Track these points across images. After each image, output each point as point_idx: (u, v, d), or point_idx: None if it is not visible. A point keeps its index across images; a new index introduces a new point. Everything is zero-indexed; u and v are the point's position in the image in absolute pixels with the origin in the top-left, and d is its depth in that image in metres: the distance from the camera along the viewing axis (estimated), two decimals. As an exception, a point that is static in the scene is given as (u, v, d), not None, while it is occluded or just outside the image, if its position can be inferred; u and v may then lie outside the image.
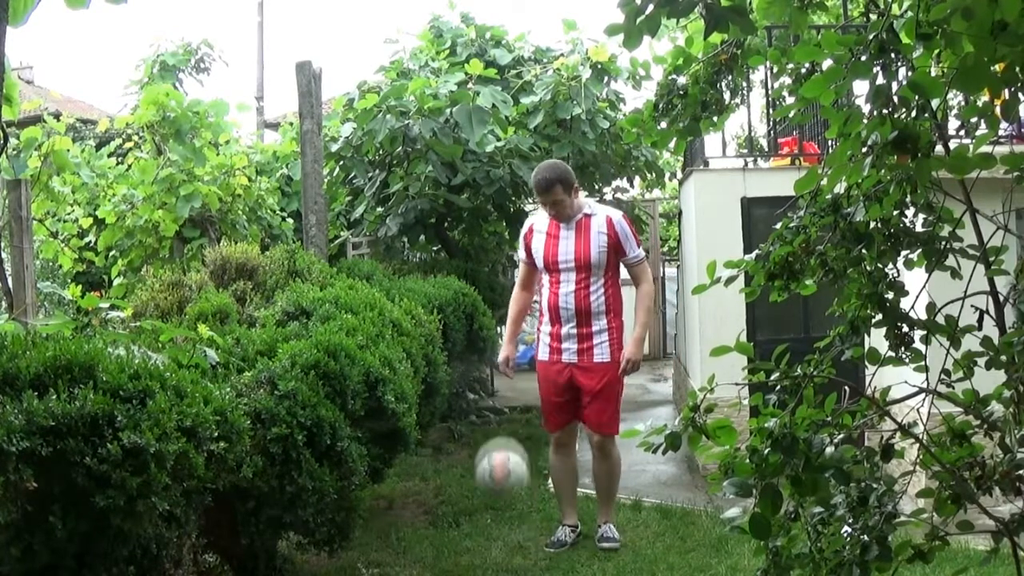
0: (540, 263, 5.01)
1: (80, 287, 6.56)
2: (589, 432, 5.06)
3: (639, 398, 9.43)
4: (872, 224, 1.93)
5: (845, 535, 1.77)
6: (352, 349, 3.82)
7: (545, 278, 5.02)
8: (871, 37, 1.71)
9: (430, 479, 6.15)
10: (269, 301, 4.81)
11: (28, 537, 2.41)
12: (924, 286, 2.02)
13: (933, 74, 1.88)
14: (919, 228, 1.98)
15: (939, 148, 1.97)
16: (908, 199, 1.90)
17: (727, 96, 3.39)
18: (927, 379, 1.95)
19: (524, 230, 5.19)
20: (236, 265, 5.28)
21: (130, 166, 7.39)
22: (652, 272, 12.27)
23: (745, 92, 6.52)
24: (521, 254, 5.20)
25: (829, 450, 1.73)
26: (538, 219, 5.13)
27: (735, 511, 1.83)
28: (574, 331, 4.88)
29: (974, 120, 1.92)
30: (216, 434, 2.76)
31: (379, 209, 7.90)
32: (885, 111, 1.73)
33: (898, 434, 1.87)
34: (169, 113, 6.66)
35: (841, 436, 1.78)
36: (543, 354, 5.02)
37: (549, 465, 5.29)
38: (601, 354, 4.86)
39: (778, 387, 1.85)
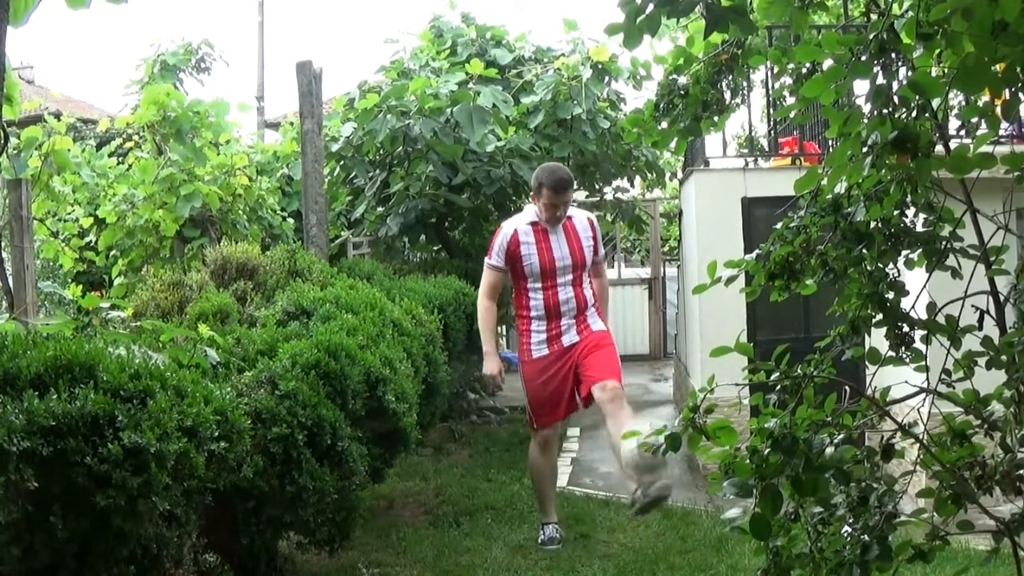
0: (532, 270, 4.90)
1: (80, 287, 6.58)
2: (600, 387, 4.73)
3: (639, 398, 9.43)
4: (872, 224, 1.92)
5: (845, 535, 1.77)
6: (353, 349, 3.82)
7: (533, 284, 4.93)
8: (871, 37, 1.71)
9: (431, 479, 6.15)
10: (270, 301, 4.81)
11: (29, 537, 2.41)
12: (924, 286, 2.02)
13: (933, 74, 1.88)
14: (919, 228, 1.98)
15: (939, 148, 1.97)
16: (908, 199, 1.89)
17: (728, 96, 3.39)
18: (927, 379, 1.95)
19: (506, 238, 4.95)
20: (237, 265, 5.29)
21: (131, 166, 7.40)
22: (653, 272, 12.39)
23: (746, 92, 6.52)
24: (499, 262, 4.97)
25: (829, 450, 1.73)
26: (519, 226, 4.97)
27: (735, 511, 1.83)
28: (573, 321, 4.94)
29: (974, 120, 1.92)
30: (217, 434, 2.77)
31: (380, 209, 7.90)
32: (885, 111, 1.73)
33: (898, 434, 1.87)
34: (170, 113, 6.66)
35: (841, 436, 1.78)
36: (540, 351, 4.92)
37: (532, 465, 5.11)
38: (596, 324, 5.01)
39: (778, 387, 1.85)
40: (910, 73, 1.78)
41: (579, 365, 4.89)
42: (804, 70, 2.66)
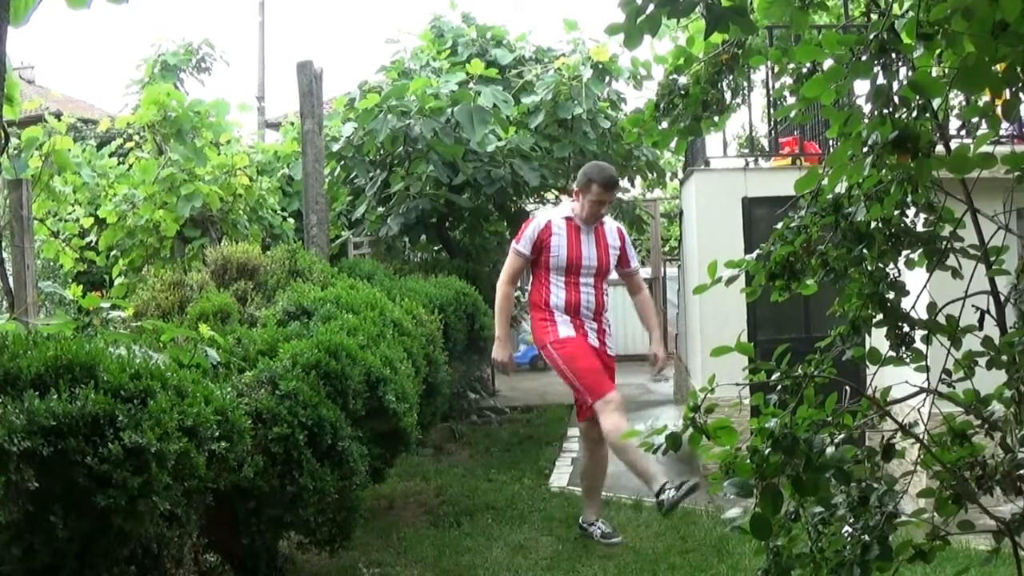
0: (558, 263, 4.93)
1: (81, 287, 6.58)
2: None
3: (640, 398, 9.43)
4: (873, 224, 1.92)
5: (846, 535, 1.77)
6: (353, 349, 3.82)
7: (556, 277, 4.96)
8: (872, 37, 1.71)
9: (431, 479, 6.15)
10: (270, 301, 4.81)
11: (29, 537, 2.41)
12: (925, 286, 2.02)
13: (934, 74, 1.88)
14: (920, 228, 1.98)
15: (940, 148, 1.97)
16: (909, 199, 1.89)
17: (728, 96, 3.38)
18: (928, 379, 1.95)
19: (538, 227, 4.99)
20: (237, 265, 5.29)
21: (131, 166, 7.40)
22: (653, 272, 12.38)
23: (746, 92, 6.50)
24: (525, 249, 4.99)
25: (830, 450, 1.73)
26: (553, 218, 5.03)
27: (736, 511, 1.83)
28: (594, 325, 5.01)
29: (975, 120, 1.92)
30: (217, 434, 2.77)
31: (380, 209, 7.90)
32: (886, 111, 1.73)
33: (899, 434, 1.87)
34: (170, 113, 6.67)
35: (842, 436, 1.78)
36: (567, 332, 4.90)
37: (616, 434, 4.60)
38: (613, 349, 5.13)
39: (779, 387, 1.85)
40: (910, 73, 1.78)
41: None
42: (804, 70, 2.65)
